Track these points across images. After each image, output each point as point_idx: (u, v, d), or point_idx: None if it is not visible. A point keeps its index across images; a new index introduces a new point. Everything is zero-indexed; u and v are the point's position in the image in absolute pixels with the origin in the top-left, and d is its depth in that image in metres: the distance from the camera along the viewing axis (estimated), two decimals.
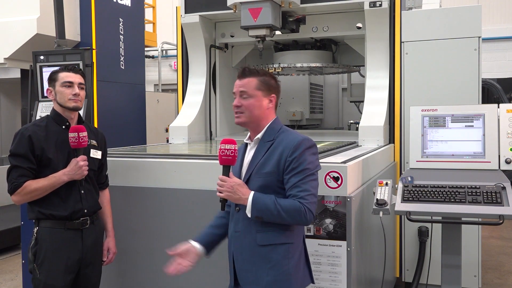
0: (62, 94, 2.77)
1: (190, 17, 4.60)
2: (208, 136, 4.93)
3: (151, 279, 3.14)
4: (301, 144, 2.21)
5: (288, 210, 2.14)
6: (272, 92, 2.36)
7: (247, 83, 2.31)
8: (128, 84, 4.92)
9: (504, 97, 8.44)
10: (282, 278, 2.21)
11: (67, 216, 2.73)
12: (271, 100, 2.35)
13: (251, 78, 2.32)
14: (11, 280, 5.27)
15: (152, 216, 3.13)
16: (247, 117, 2.30)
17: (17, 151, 2.68)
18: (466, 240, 3.63)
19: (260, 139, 2.33)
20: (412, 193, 2.94)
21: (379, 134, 3.95)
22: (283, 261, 2.22)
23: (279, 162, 2.22)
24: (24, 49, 4.62)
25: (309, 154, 2.22)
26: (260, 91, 2.31)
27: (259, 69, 2.40)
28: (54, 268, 2.70)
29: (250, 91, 2.30)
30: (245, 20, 3.99)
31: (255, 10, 3.93)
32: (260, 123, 2.33)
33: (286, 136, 2.29)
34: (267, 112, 2.33)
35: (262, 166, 2.26)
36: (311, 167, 2.21)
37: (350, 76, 5.67)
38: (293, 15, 4.36)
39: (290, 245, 2.24)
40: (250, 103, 2.29)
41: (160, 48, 12.55)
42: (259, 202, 2.17)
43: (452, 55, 4.21)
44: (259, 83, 2.31)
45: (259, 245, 2.23)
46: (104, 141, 3.04)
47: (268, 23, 3.93)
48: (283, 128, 2.35)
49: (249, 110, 2.29)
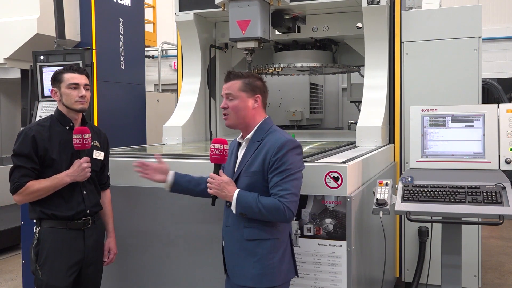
0: (69, 96, 2.76)
1: (184, 15, 4.54)
2: (208, 136, 4.93)
3: (151, 279, 3.14)
4: (285, 145, 2.31)
5: (269, 208, 2.25)
6: (257, 92, 2.46)
7: (231, 86, 2.44)
8: (128, 84, 4.92)
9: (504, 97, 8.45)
10: (267, 272, 2.32)
11: (70, 216, 2.73)
12: (256, 100, 2.45)
13: (235, 80, 2.44)
14: (11, 280, 5.27)
15: (152, 216, 3.13)
16: (233, 119, 2.44)
17: (20, 150, 2.68)
18: (466, 240, 3.63)
19: (250, 139, 2.44)
20: (412, 193, 2.94)
21: (377, 135, 3.85)
22: (268, 255, 2.33)
23: (264, 162, 2.33)
24: (24, 49, 4.62)
25: (292, 155, 2.32)
26: (244, 92, 2.42)
27: (244, 72, 2.51)
28: (56, 268, 2.70)
29: (234, 92, 2.42)
30: (233, 33, 3.90)
31: (243, 22, 3.85)
32: (248, 123, 2.44)
33: (273, 136, 2.38)
34: (253, 112, 2.44)
35: (249, 165, 2.37)
36: (293, 167, 2.31)
37: (350, 76, 5.67)
38: (289, 13, 4.28)
39: (275, 240, 2.36)
40: (234, 104, 2.42)
41: (160, 48, 12.55)
42: (243, 200, 2.30)
43: (452, 55, 4.21)
44: (242, 84, 2.43)
45: (246, 239, 2.35)
46: (106, 142, 3.04)
47: (257, 36, 3.82)
48: (272, 128, 2.45)
49: (234, 111, 2.42)
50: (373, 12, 4.07)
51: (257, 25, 3.81)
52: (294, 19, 4.40)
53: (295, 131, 5.30)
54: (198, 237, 3.00)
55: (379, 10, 4.06)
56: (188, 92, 4.69)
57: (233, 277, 2.41)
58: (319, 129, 6.30)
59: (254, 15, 3.81)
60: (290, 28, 4.38)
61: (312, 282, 2.76)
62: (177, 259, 3.08)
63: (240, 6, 3.84)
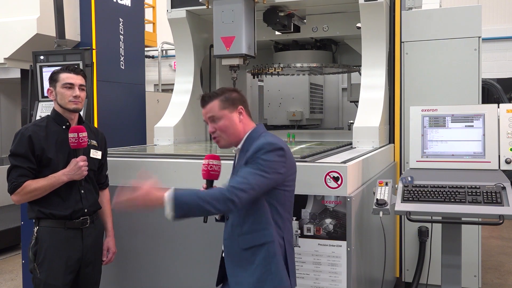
0: (63, 96, 2.77)
1: (177, 12, 4.43)
2: (208, 136, 4.92)
3: (151, 279, 3.15)
4: (262, 148, 2.22)
5: (212, 194, 2.11)
6: (238, 104, 2.39)
7: (211, 108, 2.36)
8: (128, 84, 4.91)
9: (504, 97, 8.45)
10: (267, 278, 2.27)
11: (68, 216, 2.73)
12: (240, 112, 2.38)
13: (212, 101, 2.36)
14: (11, 280, 5.27)
15: (151, 216, 3.12)
16: (225, 140, 2.37)
17: (17, 151, 2.69)
18: (466, 240, 3.62)
19: (240, 149, 2.39)
20: (412, 193, 2.94)
21: (375, 136, 3.71)
22: (265, 260, 2.28)
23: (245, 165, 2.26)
24: (24, 49, 4.62)
25: (270, 155, 2.21)
26: (226, 109, 2.35)
27: (216, 90, 2.43)
28: (54, 267, 2.70)
29: (216, 113, 2.35)
30: (217, 49, 3.83)
31: (227, 38, 3.78)
32: (240, 137, 2.38)
33: (256, 141, 2.29)
34: (241, 125, 2.38)
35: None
36: (263, 163, 2.19)
37: (350, 76, 5.67)
38: (284, 10, 4.19)
39: (270, 244, 2.29)
40: (221, 125, 2.35)
41: (160, 48, 12.56)
42: (178, 199, 2.09)
43: (452, 55, 4.21)
44: (221, 102, 2.36)
45: (242, 249, 2.31)
46: (104, 141, 3.04)
47: (241, 53, 3.76)
48: (262, 135, 2.35)
49: (224, 131, 2.35)
50: (370, 9, 3.98)
51: (241, 42, 3.74)
52: (290, 16, 4.28)
53: (295, 131, 5.30)
54: (198, 237, 3.00)
55: (377, 7, 3.95)
56: (180, 92, 4.55)
57: (234, 287, 2.36)
58: (319, 129, 6.30)
59: (238, 31, 3.75)
60: (285, 26, 4.25)
61: (312, 282, 2.76)
62: (176, 258, 3.08)
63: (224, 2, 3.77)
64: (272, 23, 4.16)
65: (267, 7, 4.11)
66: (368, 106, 3.92)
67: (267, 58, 5.35)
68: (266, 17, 4.14)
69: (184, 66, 4.63)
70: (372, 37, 4.06)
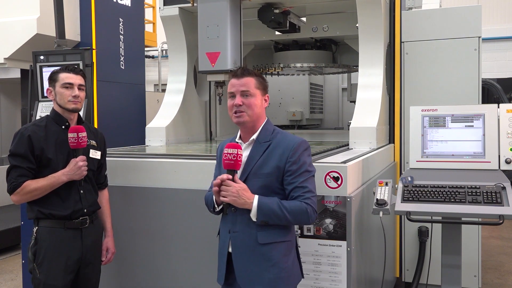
0: (62, 95, 2.77)
1: (169, 9, 4.35)
2: (208, 136, 4.93)
3: (150, 279, 3.14)
4: (300, 146, 2.29)
5: (294, 211, 2.20)
6: (267, 92, 2.42)
7: (247, 82, 2.32)
8: (128, 84, 4.92)
9: (504, 97, 8.45)
10: (283, 275, 2.26)
11: (67, 216, 2.73)
12: (265, 100, 2.41)
13: (249, 77, 2.34)
14: (11, 280, 5.27)
15: (151, 216, 3.13)
16: (249, 116, 2.32)
17: (16, 151, 2.69)
18: (466, 240, 3.62)
19: (255, 140, 2.35)
20: (412, 193, 2.93)
21: (372, 136, 3.60)
22: (283, 258, 2.27)
23: (279, 163, 2.26)
24: (24, 49, 4.62)
25: (307, 156, 2.31)
26: (259, 90, 2.36)
27: (251, 70, 2.43)
28: (53, 267, 2.70)
29: (251, 89, 2.32)
30: (202, 65, 3.76)
31: (212, 54, 3.71)
32: (257, 122, 2.36)
33: (284, 137, 2.34)
34: (262, 111, 2.39)
35: (260, 167, 2.28)
36: (311, 169, 2.30)
37: (350, 76, 5.67)
38: (279, 7, 4.12)
39: (288, 242, 2.32)
40: (251, 101, 2.32)
41: (160, 48, 12.54)
42: (265, 207, 2.20)
43: (452, 55, 4.21)
44: (257, 82, 2.35)
45: (260, 243, 2.25)
46: (103, 141, 3.04)
47: (226, 69, 3.67)
48: (277, 130, 2.41)
49: (251, 108, 2.31)
50: (368, 6, 3.89)
51: (226, 58, 3.69)
52: (285, 14, 4.21)
53: (295, 131, 5.30)
54: (197, 236, 3.00)
55: (374, 3, 3.87)
56: (173, 91, 4.46)
57: (246, 284, 2.29)
58: (319, 129, 6.30)
59: (223, 47, 3.69)
60: (280, 24, 4.18)
61: (312, 282, 2.76)
62: (176, 258, 3.08)
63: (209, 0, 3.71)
64: (266, 20, 4.10)
65: (262, 4, 4.04)
66: (366, 106, 3.83)
67: (267, 58, 5.35)
68: (261, 14, 4.08)
69: (177, 65, 4.53)
70: (370, 34, 3.96)
